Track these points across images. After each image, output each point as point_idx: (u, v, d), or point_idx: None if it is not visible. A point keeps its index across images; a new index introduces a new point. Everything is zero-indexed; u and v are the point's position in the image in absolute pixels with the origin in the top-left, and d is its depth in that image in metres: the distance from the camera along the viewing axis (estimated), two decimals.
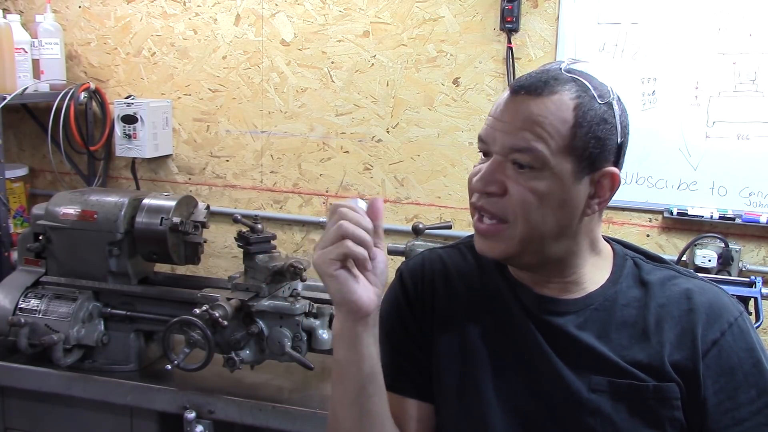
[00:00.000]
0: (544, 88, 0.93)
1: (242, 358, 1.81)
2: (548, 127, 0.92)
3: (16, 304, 1.94)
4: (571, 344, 0.98)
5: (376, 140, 2.39)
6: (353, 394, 0.95)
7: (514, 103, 0.94)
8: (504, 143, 0.93)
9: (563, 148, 0.92)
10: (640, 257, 1.05)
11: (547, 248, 0.96)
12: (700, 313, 0.96)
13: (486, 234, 0.97)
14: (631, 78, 2.12)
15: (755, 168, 2.07)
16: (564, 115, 0.92)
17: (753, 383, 0.94)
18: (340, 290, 0.90)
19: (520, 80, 0.97)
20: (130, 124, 2.45)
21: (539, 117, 0.92)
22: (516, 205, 0.93)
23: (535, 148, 0.91)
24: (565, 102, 0.93)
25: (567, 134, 0.92)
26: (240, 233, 1.86)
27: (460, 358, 1.03)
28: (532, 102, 0.93)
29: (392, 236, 2.40)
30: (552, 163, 0.92)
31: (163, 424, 1.91)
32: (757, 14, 2.01)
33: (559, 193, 0.93)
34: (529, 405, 0.99)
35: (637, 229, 2.22)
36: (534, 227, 0.94)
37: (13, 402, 2.00)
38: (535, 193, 0.92)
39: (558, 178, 0.93)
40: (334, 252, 0.88)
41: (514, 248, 0.95)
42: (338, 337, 0.94)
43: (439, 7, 2.26)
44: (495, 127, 0.95)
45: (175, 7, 2.52)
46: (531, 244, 0.95)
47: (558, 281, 1.00)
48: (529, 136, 0.92)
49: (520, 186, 0.93)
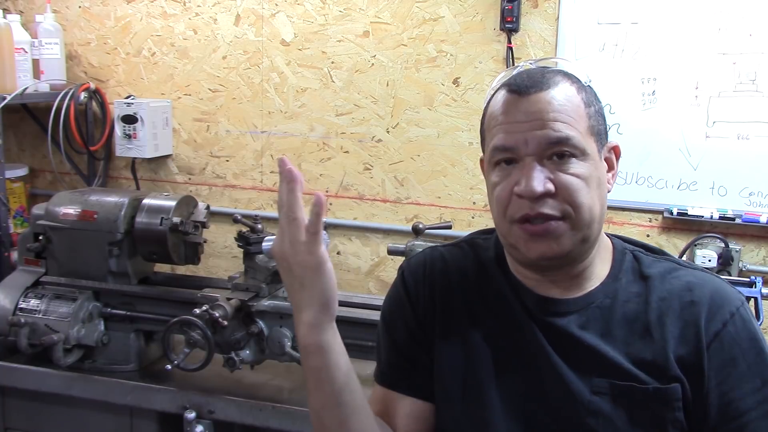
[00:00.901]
0: (547, 82, 0.95)
1: (242, 358, 1.81)
2: (571, 113, 0.94)
3: (16, 304, 1.94)
4: (574, 345, 0.97)
5: (376, 140, 2.39)
6: (336, 396, 0.94)
7: (528, 102, 0.94)
8: (539, 141, 0.93)
9: (586, 129, 0.95)
10: (640, 250, 1.05)
11: (594, 234, 0.96)
12: (702, 305, 0.96)
13: (546, 234, 0.93)
14: (631, 78, 2.12)
15: (755, 168, 2.07)
16: (575, 101, 0.95)
17: (757, 372, 0.94)
18: (329, 283, 0.91)
19: (517, 83, 0.96)
20: (130, 124, 2.45)
21: (560, 106, 0.94)
22: (571, 195, 0.92)
23: (571, 135, 0.93)
24: (569, 89, 0.96)
25: (584, 116, 0.95)
26: (240, 233, 1.86)
27: (461, 359, 1.03)
28: (544, 96, 0.94)
29: (392, 236, 2.40)
30: (585, 145, 0.94)
31: (163, 424, 1.91)
32: (757, 14, 2.01)
33: (596, 173, 0.95)
34: (530, 406, 0.98)
35: (637, 229, 2.21)
36: (590, 212, 0.94)
37: (13, 402, 2.00)
38: (581, 177, 0.93)
39: (591, 158, 0.95)
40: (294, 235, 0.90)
41: (578, 241, 0.95)
42: (311, 345, 0.93)
43: (439, 7, 2.26)
44: (521, 130, 0.94)
45: (175, 7, 2.52)
46: (589, 232, 0.95)
47: (563, 279, 1.00)
48: (561, 126, 0.93)
49: (567, 175, 0.93)
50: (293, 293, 0.93)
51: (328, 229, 2.46)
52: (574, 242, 0.94)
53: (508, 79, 0.99)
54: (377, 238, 2.44)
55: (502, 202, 0.96)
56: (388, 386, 1.08)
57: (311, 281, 0.91)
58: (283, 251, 0.91)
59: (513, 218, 0.94)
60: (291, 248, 0.90)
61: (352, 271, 2.48)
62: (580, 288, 1.00)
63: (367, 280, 2.47)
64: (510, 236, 0.97)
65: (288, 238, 0.90)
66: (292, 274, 0.92)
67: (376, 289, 2.46)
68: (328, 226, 2.47)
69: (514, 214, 0.94)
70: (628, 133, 2.14)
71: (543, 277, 1.01)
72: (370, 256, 2.46)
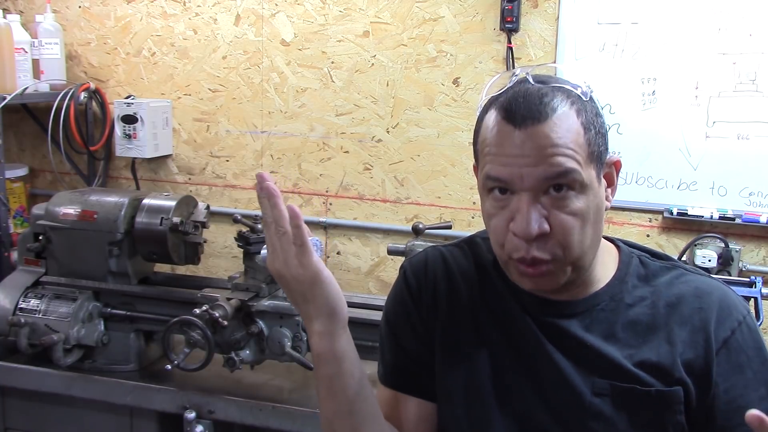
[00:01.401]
0: (545, 109, 0.90)
1: (242, 358, 1.81)
2: (570, 144, 0.89)
3: (16, 304, 1.94)
4: (577, 346, 0.97)
5: (376, 140, 2.39)
6: (349, 404, 0.94)
7: (524, 135, 0.89)
8: (537, 176, 0.89)
9: (586, 158, 0.91)
10: (646, 255, 1.04)
11: (589, 259, 0.95)
12: (711, 311, 0.96)
13: (542, 276, 0.93)
14: (631, 78, 2.12)
15: (755, 168, 2.07)
16: (575, 128, 0.90)
17: (763, 381, 0.94)
18: (331, 292, 0.91)
19: (512, 109, 0.90)
20: (130, 124, 2.45)
21: (559, 139, 0.89)
22: (565, 237, 0.90)
23: (570, 168, 0.89)
24: (568, 114, 0.90)
25: (584, 143, 0.91)
26: (240, 233, 1.86)
27: (461, 359, 1.03)
28: (542, 127, 0.89)
29: (392, 236, 2.40)
30: (585, 177, 0.90)
31: (163, 424, 1.91)
32: (757, 14, 2.01)
33: (594, 202, 0.92)
34: (531, 407, 0.98)
35: (637, 229, 2.21)
36: (580, 247, 0.92)
37: (13, 402, 2.01)
38: (576, 214, 0.90)
39: (590, 188, 0.91)
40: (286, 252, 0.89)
41: (571, 272, 0.94)
42: (322, 353, 0.92)
43: (439, 7, 2.26)
44: (516, 164, 0.89)
45: (175, 7, 2.52)
46: (581, 262, 0.94)
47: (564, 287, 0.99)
48: (562, 160, 0.88)
49: (561, 213, 0.90)
50: (298, 306, 0.93)
51: (327, 229, 2.48)
52: (567, 276, 0.94)
53: (502, 100, 0.92)
54: (377, 238, 2.44)
55: (498, 236, 0.94)
56: (393, 388, 1.07)
57: (312, 294, 0.91)
58: (277, 268, 0.91)
59: (509, 255, 0.93)
60: (284, 265, 0.90)
61: (352, 271, 2.48)
62: (584, 290, 1.00)
63: (367, 280, 2.47)
64: (506, 267, 0.97)
65: (280, 254, 0.90)
66: (291, 289, 0.92)
67: (376, 289, 2.46)
68: (328, 226, 2.48)
69: (511, 251, 0.93)
70: (628, 133, 2.14)
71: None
72: (370, 256, 2.46)
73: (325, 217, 2.47)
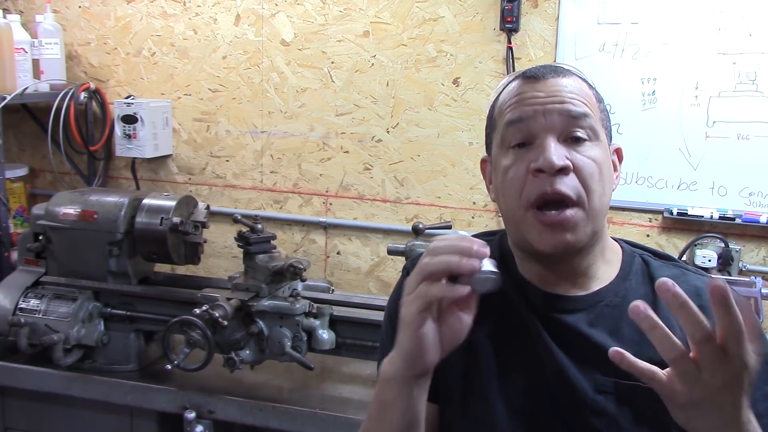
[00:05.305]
0: (563, 69, 0.96)
1: (242, 358, 1.81)
2: (586, 98, 0.94)
3: (16, 304, 1.94)
4: (581, 342, 0.97)
5: (376, 140, 2.39)
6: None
7: (545, 84, 0.94)
8: (559, 113, 0.92)
9: (599, 119, 0.95)
10: (648, 255, 1.05)
11: (601, 227, 0.95)
12: (710, 310, 0.96)
13: (565, 224, 0.90)
14: (631, 78, 2.12)
15: (755, 168, 2.07)
16: (588, 91, 0.96)
17: (764, 380, 0.93)
18: (412, 350, 0.86)
19: (532, 71, 0.96)
20: (130, 124, 2.45)
21: (576, 89, 0.94)
22: (586, 178, 0.91)
23: (589, 113, 0.93)
24: (581, 82, 0.97)
25: (597, 106, 0.96)
26: (240, 233, 1.86)
27: (464, 357, 1.02)
28: (560, 80, 0.94)
29: (392, 236, 2.40)
30: (599, 130, 0.94)
31: (163, 424, 1.91)
32: (757, 14, 2.01)
33: (608, 163, 0.95)
34: (534, 405, 0.98)
35: (637, 229, 2.22)
36: (600, 201, 0.92)
37: (13, 402, 2.00)
38: (596, 161, 0.92)
39: (604, 146, 0.95)
40: (415, 303, 0.84)
41: (590, 232, 0.93)
42: (391, 381, 0.90)
43: (439, 7, 2.26)
44: (537, 103, 0.93)
45: (175, 7, 2.52)
46: (598, 224, 0.94)
47: (568, 275, 0.99)
48: (580, 104, 0.93)
49: (583, 157, 0.91)
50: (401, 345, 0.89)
51: (327, 229, 2.48)
52: (587, 234, 0.93)
53: (518, 72, 0.99)
54: (377, 238, 2.44)
55: (516, 183, 0.93)
56: None
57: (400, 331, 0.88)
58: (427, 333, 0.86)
59: (529, 201, 0.92)
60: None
61: (352, 271, 2.48)
62: (586, 286, 1.00)
63: (367, 280, 2.47)
64: (523, 225, 0.95)
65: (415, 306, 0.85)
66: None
67: (376, 289, 2.46)
68: (328, 226, 2.48)
69: (531, 194, 0.91)
70: (628, 133, 2.14)
71: (549, 273, 1.00)
72: (370, 256, 2.46)
73: (325, 217, 2.47)
